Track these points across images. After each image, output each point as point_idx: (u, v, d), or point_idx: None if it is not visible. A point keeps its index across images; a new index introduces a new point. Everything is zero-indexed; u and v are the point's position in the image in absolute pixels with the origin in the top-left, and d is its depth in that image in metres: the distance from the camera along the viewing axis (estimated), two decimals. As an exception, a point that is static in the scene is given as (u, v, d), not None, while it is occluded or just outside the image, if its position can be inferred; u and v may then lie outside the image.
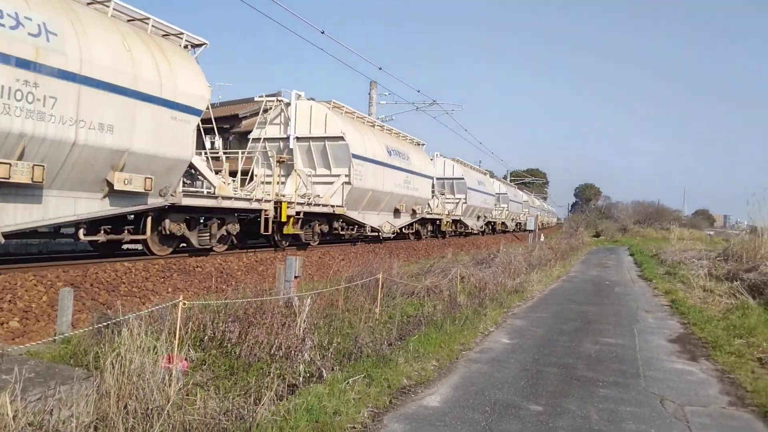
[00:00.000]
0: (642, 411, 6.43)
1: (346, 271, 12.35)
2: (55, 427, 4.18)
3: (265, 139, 19.53)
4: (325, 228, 19.69)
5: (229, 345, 6.62)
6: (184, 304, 5.97)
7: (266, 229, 15.78)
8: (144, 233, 12.48)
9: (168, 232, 12.88)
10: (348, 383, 6.23)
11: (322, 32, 20.57)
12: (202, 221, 14.45)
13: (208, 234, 14.30)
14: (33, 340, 7.56)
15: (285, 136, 19.70)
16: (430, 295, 12.21)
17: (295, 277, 9.49)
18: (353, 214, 20.79)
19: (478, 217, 31.43)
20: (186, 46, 13.13)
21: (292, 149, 19.43)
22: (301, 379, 6.37)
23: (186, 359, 5.88)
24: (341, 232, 20.78)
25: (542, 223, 64.58)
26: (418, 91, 54.99)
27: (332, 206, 19.23)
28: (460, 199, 34.92)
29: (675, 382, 7.71)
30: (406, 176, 24.96)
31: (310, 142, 19.71)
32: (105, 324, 6.44)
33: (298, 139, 19.56)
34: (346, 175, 19.68)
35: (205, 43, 13.40)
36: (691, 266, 22.46)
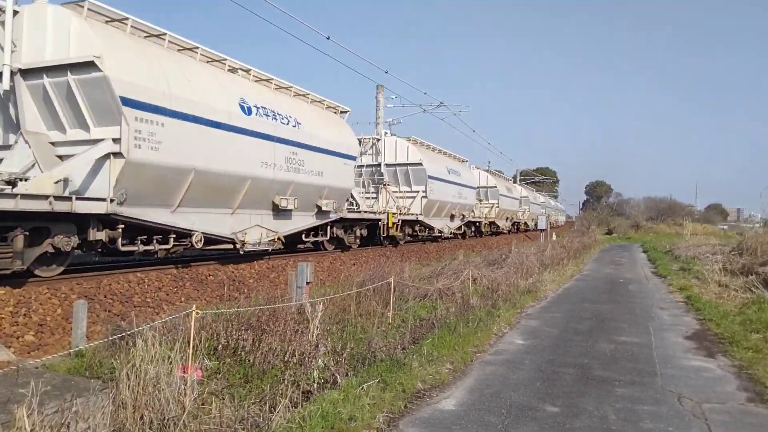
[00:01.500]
0: (659, 409, 6.38)
1: (358, 276, 12.35)
2: (72, 439, 4.20)
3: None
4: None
5: (242, 353, 6.62)
6: (197, 313, 5.99)
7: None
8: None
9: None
10: (362, 388, 6.22)
11: (328, 38, 20.69)
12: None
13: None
14: (48, 354, 7.61)
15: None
16: (442, 298, 12.18)
17: (307, 283, 9.49)
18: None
19: (452, 216, 31.45)
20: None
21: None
22: (315, 385, 6.37)
23: (200, 368, 5.89)
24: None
25: (552, 222, 64.66)
26: (425, 93, 55.22)
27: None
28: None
29: (692, 380, 7.64)
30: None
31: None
32: (119, 335, 6.47)
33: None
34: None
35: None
36: (705, 261, 22.28)
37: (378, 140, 26.91)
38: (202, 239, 12.64)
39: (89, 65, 10.07)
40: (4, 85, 10.41)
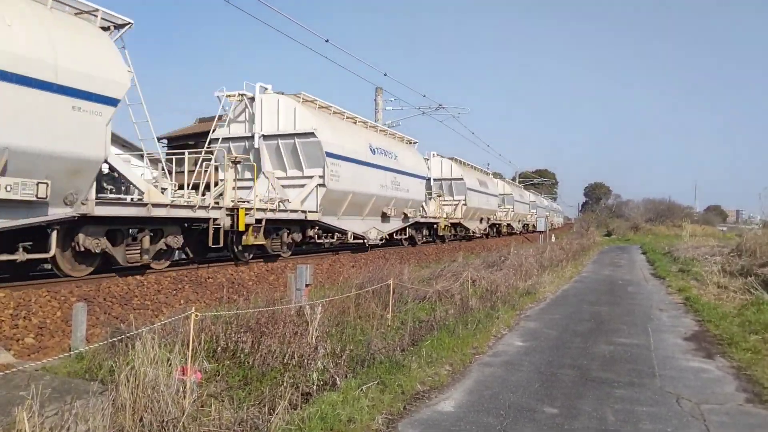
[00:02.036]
0: (658, 410, 6.39)
1: (357, 278, 12.36)
2: (72, 441, 4.21)
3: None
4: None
5: (242, 355, 6.64)
6: (197, 315, 6.00)
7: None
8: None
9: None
10: (361, 390, 6.23)
11: (326, 41, 20.74)
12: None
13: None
14: (48, 356, 7.62)
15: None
16: (441, 299, 12.19)
17: (306, 285, 9.51)
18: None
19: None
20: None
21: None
22: (314, 387, 6.38)
23: (200, 371, 5.90)
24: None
25: (551, 224, 64.46)
26: (424, 96, 54.87)
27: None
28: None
29: (691, 381, 7.65)
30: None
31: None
32: (119, 338, 6.48)
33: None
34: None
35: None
36: (704, 263, 22.31)
37: (252, 99, 17.79)
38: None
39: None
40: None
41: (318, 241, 18.69)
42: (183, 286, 11.85)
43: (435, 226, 29.79)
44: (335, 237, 19.68)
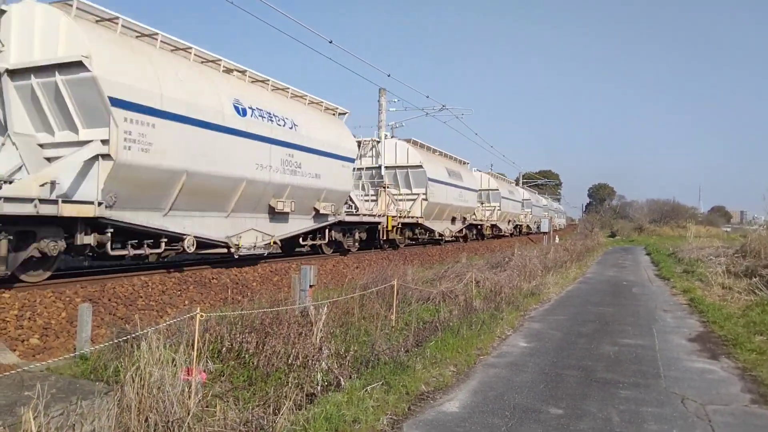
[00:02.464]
0: (663, 411, 6.37)
1: (360, 279, 12.37)
2: (77, 441, 4.22)
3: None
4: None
5: (246, 356, 6.65)
6: (201, 316, 6.01)
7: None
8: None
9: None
10: (366, 391, 6.23)
11: (330, 42, 20.73)
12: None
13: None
14: (53, 357, 7.64)
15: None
16: (445, 300, 12.19)
17: (310, 286, 9.51)
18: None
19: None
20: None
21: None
22: (319, 387, 6.38)
23: (204, 371, 5.91)
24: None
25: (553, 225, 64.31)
26: (428, 97, 55.33)
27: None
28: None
29: (696, 382, 7.63)
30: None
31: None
32: (124, 338, 6.49)
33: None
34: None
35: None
36: (708, 264, 22.24)
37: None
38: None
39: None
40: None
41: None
42: (187, 287, 11.87)
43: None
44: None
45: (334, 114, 19.29)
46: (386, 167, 26.40)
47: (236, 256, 13.99)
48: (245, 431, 4.99)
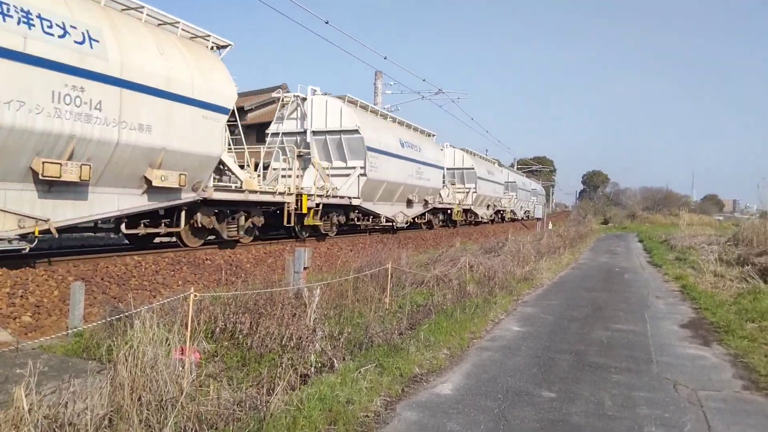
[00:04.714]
0: (655, 396, 6.41)
1: (355, 262, 12.35)
2: (69, 419, 4.20)
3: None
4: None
5: (240, 336, 6.63)
6: (195, 296, 5.98)
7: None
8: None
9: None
10: (360, 372, 6.23)
11: (326, 22, 20.52)
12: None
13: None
14: (45, 335, 7.61)
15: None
16: (439, 285, 12.19)
17: (304, 268, 9.49)
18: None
19: (488, 206, 31.75)
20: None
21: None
22: (312, 369, 6.38)
23: (198, 351, 5.89)
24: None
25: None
26: (424, 80, 54.93)
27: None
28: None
29: (688, 367, 7.68)
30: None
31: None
32: (117, 317, 6.46)
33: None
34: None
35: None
36: (701, 251, 22.33)
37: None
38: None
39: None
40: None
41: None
42: (181, 267, 11.82)
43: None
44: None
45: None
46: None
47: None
48: (239, 411, 4.97)
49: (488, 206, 35.48)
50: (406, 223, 25.42)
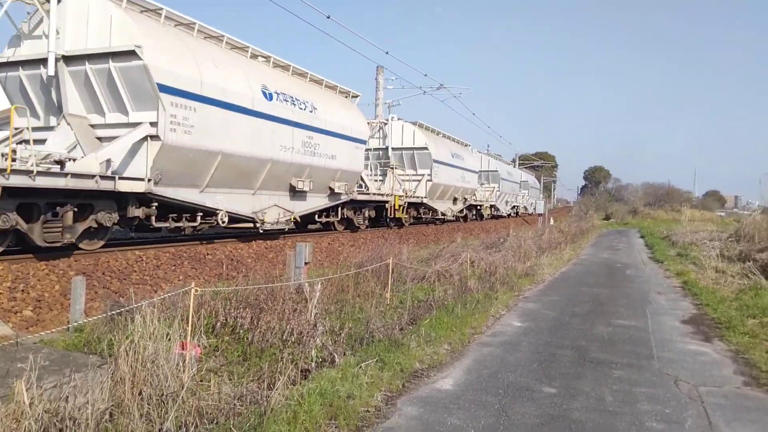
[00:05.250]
0: (656, 392, 6.40)
1: (356, 257, 12.34)
2: (70, 413, 4.20)
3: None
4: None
5: (241, 331, 6.62)
6: (196, 291, 5.98)
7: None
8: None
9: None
10: (360, 367, 6.23)
11: (328, 17, 20.53)
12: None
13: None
14: (46, 329, 7.61)
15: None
16: (440, 280, 12.19)
17: (306, 263, 9.49)
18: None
19: (455, 200, 31.19)
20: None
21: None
22: (313, 364, 6.38)
23: (199, 346, 5.89)
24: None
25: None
26: (426, 75, 55.05)
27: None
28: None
29: (689, 363, 7.67)
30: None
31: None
32: (118, 312, 6.46)
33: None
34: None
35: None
36: (702, 247, 22.32)
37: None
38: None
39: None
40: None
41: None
42: (182, 262, 11.83)
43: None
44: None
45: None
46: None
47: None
48: (240, 405, 4.98)
49: (455, 200, 30.97)
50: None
